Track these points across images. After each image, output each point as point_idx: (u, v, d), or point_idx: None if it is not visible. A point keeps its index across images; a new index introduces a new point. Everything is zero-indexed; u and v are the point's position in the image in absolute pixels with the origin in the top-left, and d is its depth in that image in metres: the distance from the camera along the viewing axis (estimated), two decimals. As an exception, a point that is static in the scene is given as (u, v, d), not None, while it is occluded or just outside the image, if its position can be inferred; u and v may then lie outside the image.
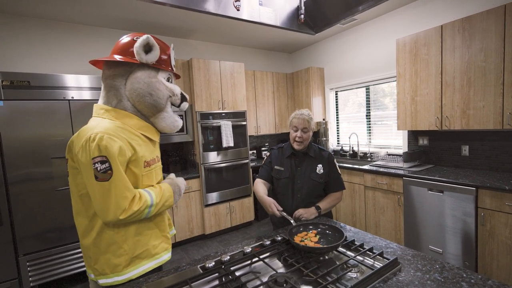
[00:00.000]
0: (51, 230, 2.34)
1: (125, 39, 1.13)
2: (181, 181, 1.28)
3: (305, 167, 1.65)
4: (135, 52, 1.07)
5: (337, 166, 1.71)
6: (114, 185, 0.96)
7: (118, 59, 1.07)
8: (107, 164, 0.95)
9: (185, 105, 1.26)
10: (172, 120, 1.21)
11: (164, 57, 1.17)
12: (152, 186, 1.14)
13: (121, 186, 0.98)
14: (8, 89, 2.20)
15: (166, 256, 1.18)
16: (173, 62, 1.23)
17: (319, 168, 1.64)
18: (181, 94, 1.23)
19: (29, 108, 2.26)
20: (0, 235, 2.17)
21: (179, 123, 1.26)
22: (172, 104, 1.22)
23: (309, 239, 1.17)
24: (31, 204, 2.27)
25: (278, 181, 1.69)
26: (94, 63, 1.17)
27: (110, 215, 0.96)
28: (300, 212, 1.52)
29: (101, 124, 1.02)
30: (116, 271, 1.04)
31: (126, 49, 1.10)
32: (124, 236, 1.05)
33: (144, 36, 1.07)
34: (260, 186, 1.66)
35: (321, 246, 1.12)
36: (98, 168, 0.95)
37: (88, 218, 1.05)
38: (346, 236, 1.13)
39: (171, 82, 1.23)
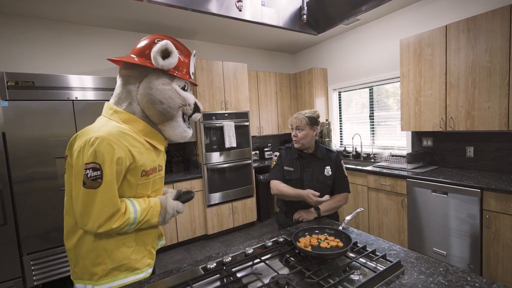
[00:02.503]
0: (55, 230, 2.35)
1: (145, 40, 1.10)
2: (173, 205, 1.16)
3: (313, 169, 1.64)
4: (151, 56, 1.04)
5: (344, 168, 1.70)
6: (101, 195, 0.92)
7: (133, 61, 1.05)
8: (98, 172, 0.91)
9: (196, 116, 1.21)
10: (181, 130, 1.16)
11: (183, 64, 1.14)
12: (145, 198, 1.10)
13: (107, 198, 0.93)
14: (13, 90, 2.22)
15: (146, 272, 1.11)
16: (192, 70, 1.18)
17: (327, 170, 1.63)
18: (195, 104, 1.18)
19: (34, 108, 2.28)
20: (4, 234, 2.19)
21: (188, 133, 1.21)
22: (184, 114, 1.17)
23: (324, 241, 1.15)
24: (35, 203, 2.28)
25: (288, 182, 1.64)
26: (114, 60, 1.14)
27: (89, 225, 0.93)
28: (300, 214, 1.52)
29: (105, 127, 0.99)
30: (93, 279, 1.01)
31: (144, 51, 1.07)
32: (105, 245, 1.01)
33: (163, 42, 1.03)
34: (282, 184, 1.61)
35: (328, 252, 1.10)
36: (89, 175, 0.91)
37: (74, 220, 1.01)
38: (356, 242, 1.13)
39: (186, 91, 1.18)
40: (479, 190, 2.08)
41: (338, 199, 1.64)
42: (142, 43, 1.10)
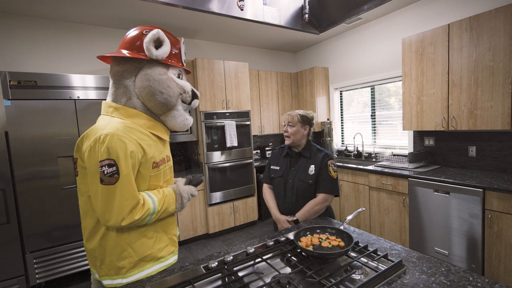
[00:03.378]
0: (57, 228, 2.37)
1: (133, 32, 1.08)
2: (185, 189, 1.19)
3: (298, 167, 1.66)
4: (144, 47, 1.02)
5: (332, 169, 1.61)
6: (120, 189, 0.94)
7: (125, 55, 1.03)
8: (114, 168, 0.92)
9: (195, 103, 1.21)
10: (182, 119, 1.17)
11: (175, 52, 1.13)
12: (158, 188, 1.11)
13: (126, 191, 0.95)
14: (15, 89, 2.23)
15: (172, 259, 1.15)
16: (183, 57, 1.18)
17: (311, 169, 1.62)
18: (192, 91, 1.19)
19: (36, 107, 2.29)
20: (7, 232, 2.21)
21: (190, 121, 1.22)
22: (183, 102, 1.17)
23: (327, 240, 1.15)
24: (37, 202, 2.30)
25: (273, 180, 1.73)
26: (102, 58, 1.12)
27: (112, 220, 0.94)
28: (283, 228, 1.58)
29: (110, 124, 0.98)
30: (121, 273, 1.03)
31: (134, 43, 1.05)
32: (128, 239, 1.03)
33: (155, 31, 1.02)
34: (268, 196, 1.75)
35: (329, 252, 1.10)
36: (105, 172, 0.92)
37: (95, 219, 1.03)
38: (357, 241, 1.13)
39: (181, 79, 1.18)
40: (481, 190, 2.07)
41: (313, 204, 1.57)
42: (130, 35, 1.08)
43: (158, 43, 1.04)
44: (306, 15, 1.56)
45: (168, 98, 1.09)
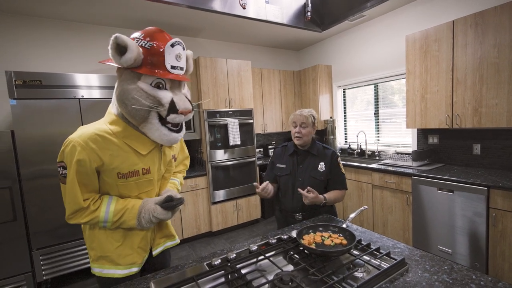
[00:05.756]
0: (63, 226, 2.40)
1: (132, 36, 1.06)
2: (149, 209, 1.08)
3: (307, 165, 1.66)
4: (110, 54, 0.95)
5: (341, 165, 1.69)
6: (67, 191, 1.00)
7: (104, 62, 1.04)
8: (65, 171, 1.00)
9: (174, 118, 1.03)
10: (159, 134, 1.05)
11: (155, 57, 0.97)
12: (128, 198, 1.11)
13: (69, 196, 1.00)
14: (21, 88, 2.25)
15: (129, 270, 1.11)
16: (169, 62, 1.00)
17: (321, 166, 1.64)
18: (170, 104, 1.01)
19: (41, 106, 2.31)
20: (14, 230, 2.24)
21: (171, 137, 1.07)
22: (160, 115, 1.04)
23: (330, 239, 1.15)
24: (43, 200, 2.33)
25: (280, 178, 1.73)
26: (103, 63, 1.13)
27: (66, 215, 1.04)
28: (310, 193, 1.46)
29: (85, 128, 1.04)
30: (90, 259, 1.14)
31: None
32: (98, 234, 1.12)
33: (114, 35, 0.92)
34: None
35: (331, 250, 1.10)
36: (60, 172, 1.02)
37: None
38: (360, 239, 1.13)
39: (164, 88, 1.03)
40: (485, 188, 2.06)
41: (338, 194, 1.65)
42: None
43: (121, 49, 0.94)
44: (309, 13, 1.56)
45: (133, 111, 0.99)
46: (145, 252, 1.20)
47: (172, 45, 1.00)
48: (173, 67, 1.02)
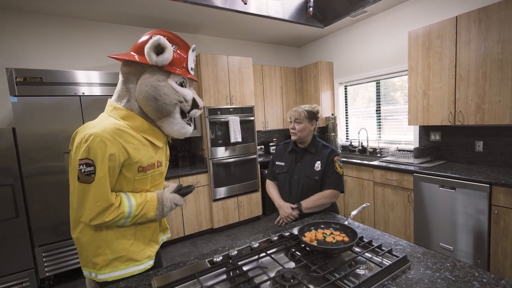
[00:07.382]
0: (65, 223, 2.41)
1: (144, 37, 1.10)
2: (169, 198, 1.17)
3: (304, 163, 1.65)
4: (145, 53, 1.03)
5: (338, 165, 1.61)
6: (93, 190, 0.96)
7: (132, 59, 1.06)
8: (91, 168, 0.95)
9: (195, 112, 1.19)
10: (179, 127, 1.16)
11: (180, 59, 1.11)
12: (143, 192, 1.12)
13: (99, 193, 0.96)
14: (21, 85, 2.25)
15: (147, 263, 1.13)
16: (190, 65, 1.15)
17: (317, 165, 1.61)
18: (193, 100, 1.17)
19: (42, 103, 2.31)
20: (16, 227, 2.25)
21: (187, 130, 1.21)
22: (182, 110, 1.16)
23: (331, 235, 1.14)
24: (45, 197, 2.34)
25: (278, 176, 1.73)
26: (115, 57, 1.14)
27: (83, 217, 0.98)
28: (280, 219, 1.62)
29: (102, 123, 1.01)
30: (95, 268, 1.05)
31: (141, 48, 1.07)
32: (105, 237, 1.05)
33: (156, 37, 1.02)
34: (271, 188, 1.76)
35: (333, 247, 1.10)
36: (82, 170, 0.95)
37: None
38: (362, 237, 1.13)
39: (185, 87, 1.16)
40: (488, 185, 2.05)
41: (320, 196, 1.56)
42: (141, 39, 1.10)
43: (159, 49, 1.04)
44: (311, 9, 1.54)
45: (163, 105, 1.08)
46: (157, 244, 1.22)
47: (193, 50, 1.17)
48: (191, 69, 1.17)
